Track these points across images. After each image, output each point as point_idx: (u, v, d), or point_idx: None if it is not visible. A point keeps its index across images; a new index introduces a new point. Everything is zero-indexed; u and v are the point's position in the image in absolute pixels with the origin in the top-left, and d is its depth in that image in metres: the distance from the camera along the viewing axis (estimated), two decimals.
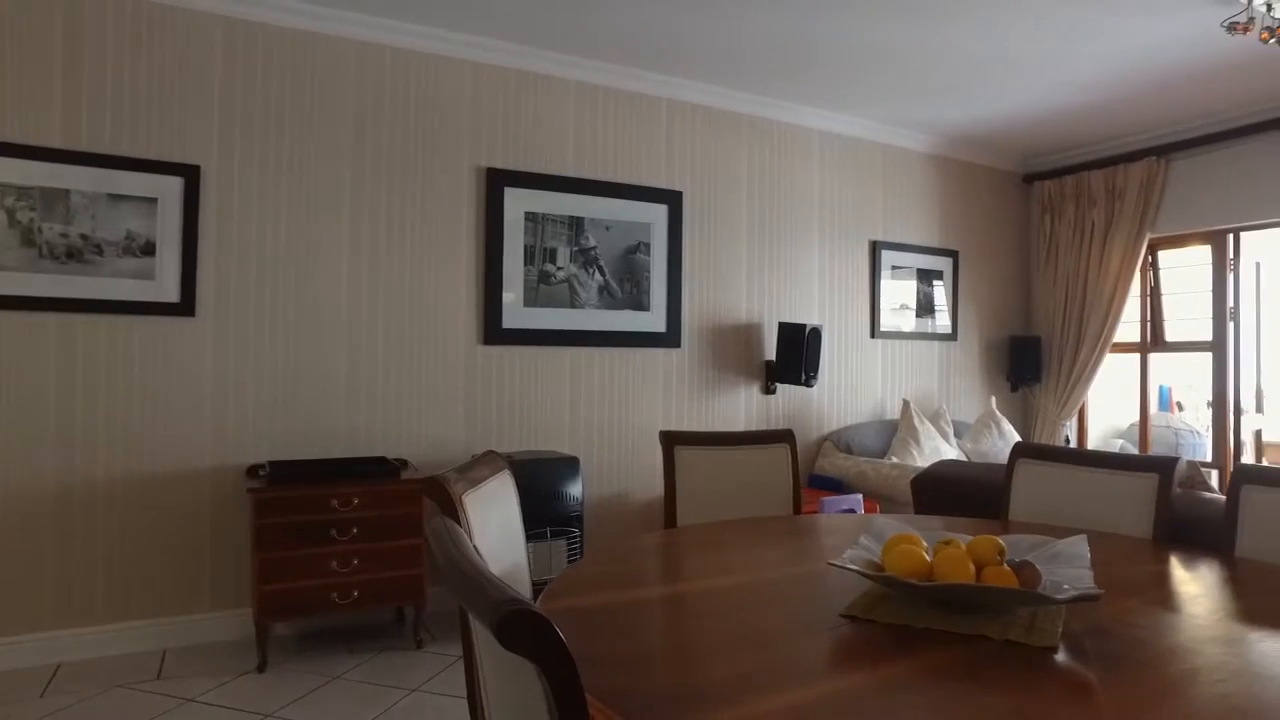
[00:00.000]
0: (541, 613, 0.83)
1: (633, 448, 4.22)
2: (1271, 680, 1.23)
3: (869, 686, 1.16)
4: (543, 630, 0.83)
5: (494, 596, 0.86)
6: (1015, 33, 3.68)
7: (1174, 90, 4.38)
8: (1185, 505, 2.20)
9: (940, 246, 5.43)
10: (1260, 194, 4.75)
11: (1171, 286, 5.59)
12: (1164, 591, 1.71)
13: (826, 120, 4.84)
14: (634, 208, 4.23)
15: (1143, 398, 5.64)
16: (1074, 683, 1.21)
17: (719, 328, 4.50)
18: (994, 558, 1.42)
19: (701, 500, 2.56)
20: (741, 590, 1.65)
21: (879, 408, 5.09)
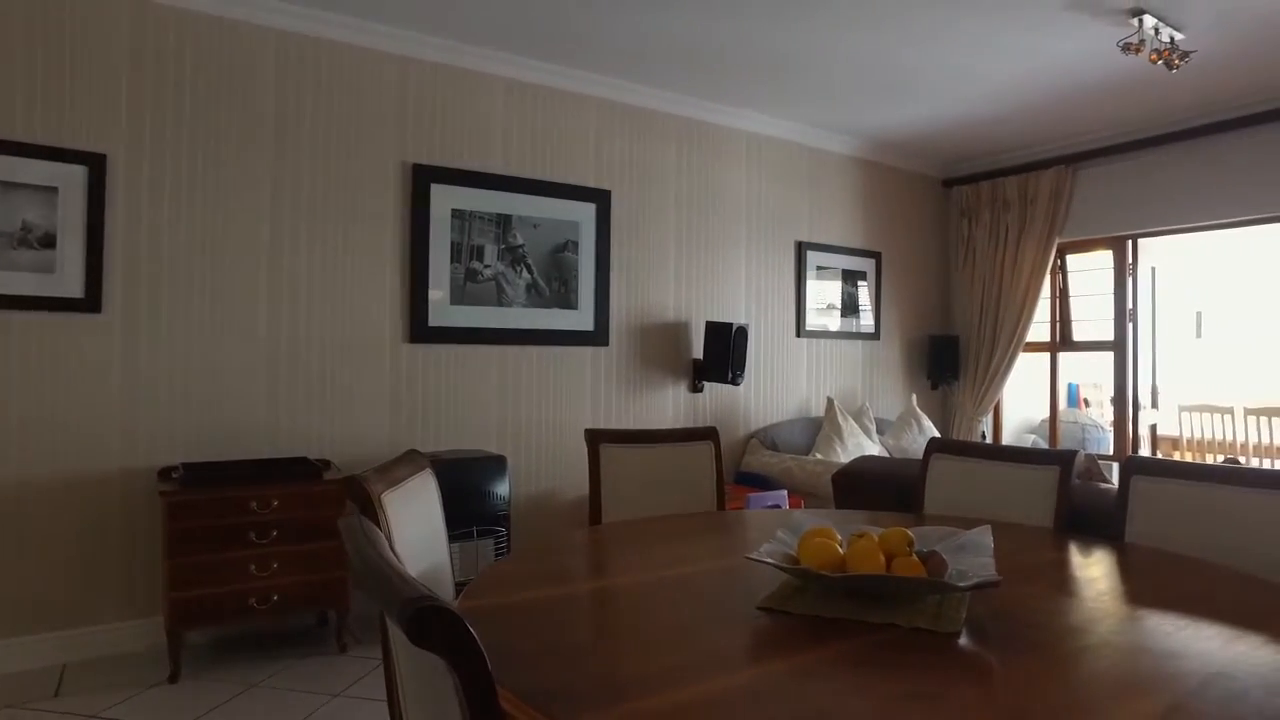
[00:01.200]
0: (452, 608, 0.83)
1: (561, 446, 4.21)
2: (1155, 653, 1.32)
3: (781, 675, 1.19)
4: (453, 626, 0.83)
5: (405, 593, 0.85)
6: (935, 45, 3.80)
7: (1079, 103, 4.59)
8: (1083, 496, 2.32)
9: (864, 248, 5.58)
10: (1156, 203, 5.03)
11: (1078, 289, 5.87)
12: (1061, 576, 1.80)
13: (754, 122, 4.92)
14: (562, 206, 4.22)
15: (1052, 395, 5.90)
16: (975, 664, 1.26)
17: (647, 326, 4.53)
18: (903, 549, 1.47)
19: (627, 497, 2.57)
20: (663, 585, 1.67)
21: (804, 405, 5.20)
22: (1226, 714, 1.08)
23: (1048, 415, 5.99)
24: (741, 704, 1.09)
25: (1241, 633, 1.39)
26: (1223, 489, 1.97)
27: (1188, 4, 3.39)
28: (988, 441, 5.84)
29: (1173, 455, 6.82)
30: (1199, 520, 1.98)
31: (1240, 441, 6.49)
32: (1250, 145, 4.62)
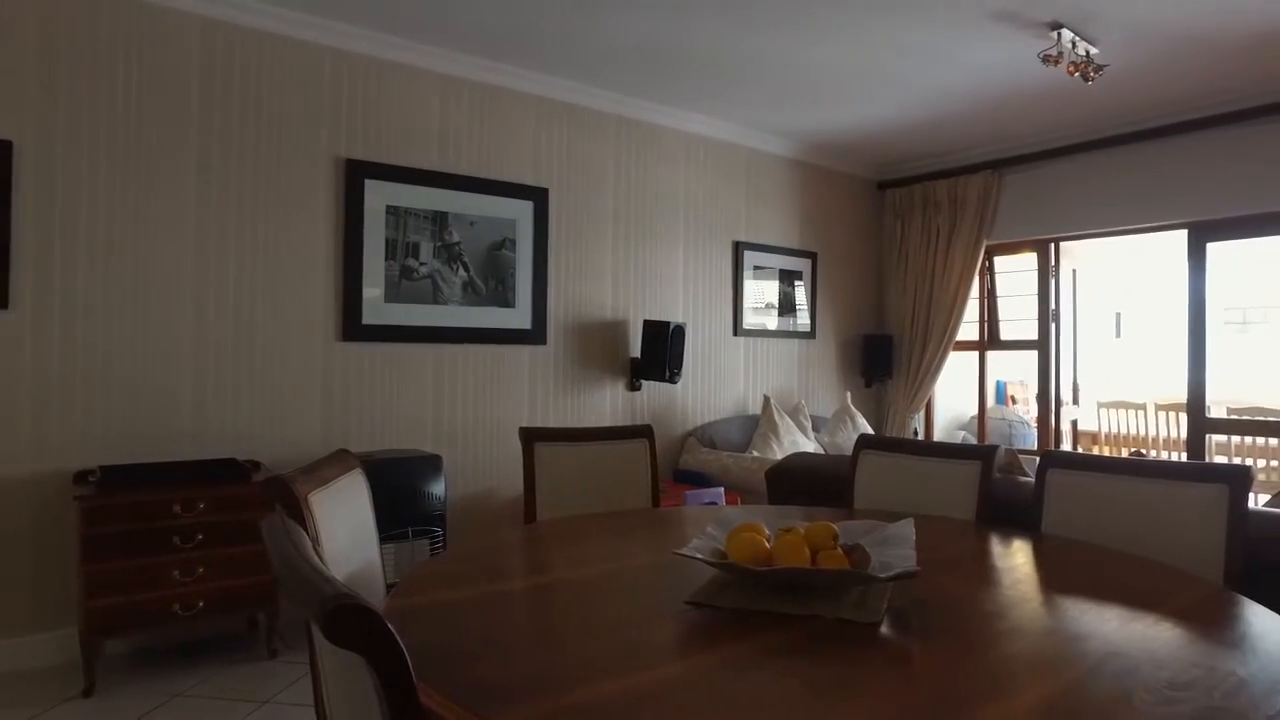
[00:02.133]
0: (370, 606, 0.83)
1: (498, 445, 4.18)
2: (1061, 635, 1.38)
3: (706, 667, 1.21)
4: (370, 624, 0.82)
5: (322, 592, 0.84)
6: (868, 51, 3.89)
7: (1005, 110, 4.75)
8: (1004, 489, 2.41)
9: (800, 248, 5.68)
10: (1076, 208, 5.24)
11: (1005, 290, 6.07)
12: (979, 566, 1.87)
13: (692, 123, 4.96)
14: (499, 204, 4.19)
15: (981, 392, 6.10)
16: (894, 651, 1.30)
17: (585, 325, 4.53)
18: (828, 542, 1.51)
19: (562, 495, 2.57)
20: (594, 581, 1.68)
21: (741, 403, 5.27)
22: (1117, 687, 1.14)
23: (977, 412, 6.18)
24: (666, 696, 1.10)
25: (1138, 613, 1.47)
26: (1127, 480, 2.07)
27: (1101, 20, 3.54)
28: (920, 438, 6.00)
29: (1092, 449, 7.11)
30: (1107, 510, 2.07)
31: (1152, 436, 6.80)
32: (1158, 156, 4.85)
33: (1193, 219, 4.83)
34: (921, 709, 1.08)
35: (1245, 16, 3.51)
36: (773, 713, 1.06)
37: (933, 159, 5.86)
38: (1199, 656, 1.27)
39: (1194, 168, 4.73)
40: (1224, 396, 7.76)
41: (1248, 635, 1.39)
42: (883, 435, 4.30)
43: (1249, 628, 1.41)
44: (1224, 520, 1.87)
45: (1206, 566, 1.87)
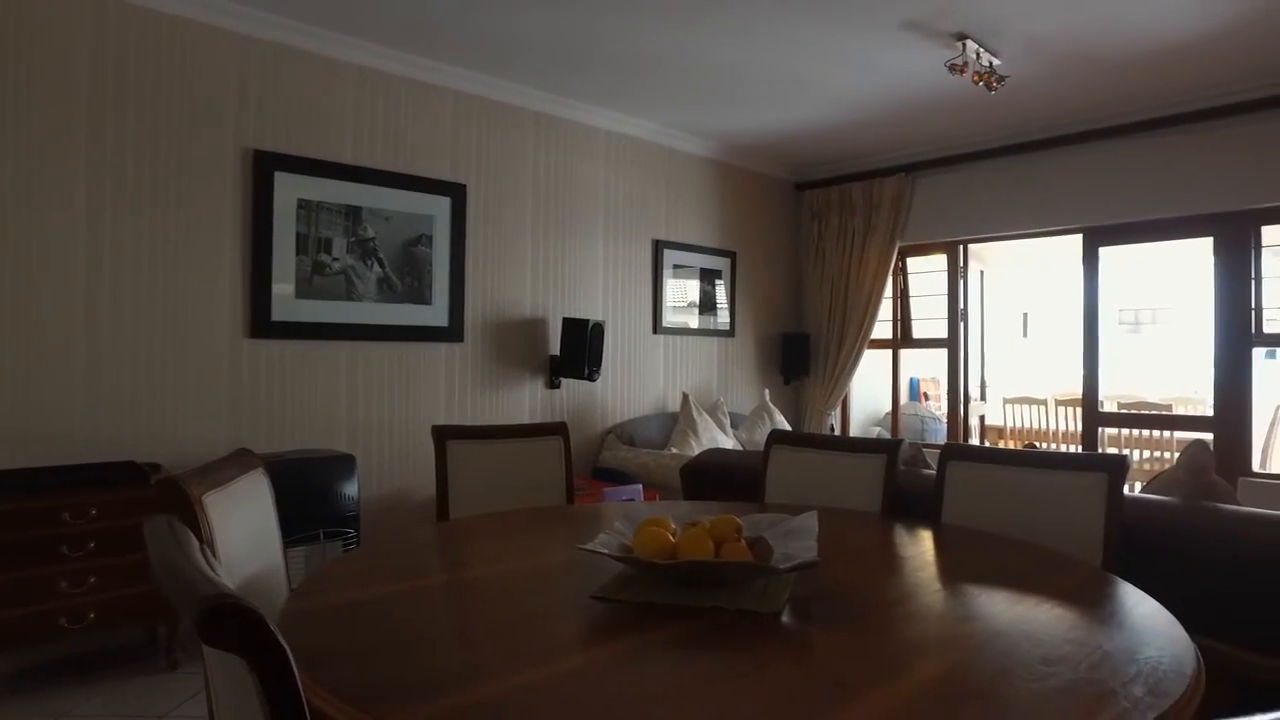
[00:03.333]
0: (248, 604, 0.81)
1: (414, 445, 4.10)
2: (952, 619, 1.44)
3: (607, 659, 1.22)
4: (249, 623, 0.80)
5: (198, 591, 0.82)
6: (783, 54, 3.96)
7: (916, 116, 4.91)
8: (908, 481, 2.49)
9: (720, 247, 5.75)
10: (983, 212, 5.47)
11: (917, 290, 6.28)
12: (881, 556, 1.93)
13: (612, 120, 4.96)
14: (416, 199, 4.12)
15: (894, 389, 6.30)
16: (793, 640, 1.34)
17: (503, 323, 4.49)
18: (732, 535, 1.53)
19: (475, 493, 2.55)
20: (501, 578, 1.67)
21: (661, 401, 5.31)
22: (997, 665, 1.20)
23: (891, 408, 6.38)
24: (564, 689, 1.10)
25: (1022, 596, 1.55)
26: (1019, 471, 2.17)
27: (1003, 33, 3.70)
28: (836, 434, 6.16)
29: (998, 443, 7.42)
30: (1001, 499, 2.17)
31: (1052, 429, 7.14)
32: (1057, 163, 5.10)
33: (1087, 224, 5.10)
34: (814, 692, 1.12)
35: (1133, 36, 3.71)
36: (669, 701, 1.08)
37: (849, 162, 6.01)
38: (1072, 633, 1.34)
39: (1088, 176, 4.99)
40: (1116, 392, 8.21)
41: (1117, 612, 1.47)
42: (792, 431, 4.40)
43: (1118, 605, 1.50)
44: (1103, 506, 1.98)
45: (1089, 550, 1.98)
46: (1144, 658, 1.21)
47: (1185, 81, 4.30)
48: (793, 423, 6.09)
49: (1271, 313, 6.47)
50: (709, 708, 1.07)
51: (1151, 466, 6.05)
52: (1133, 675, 1.14)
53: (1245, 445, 4.67)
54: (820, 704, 1.06)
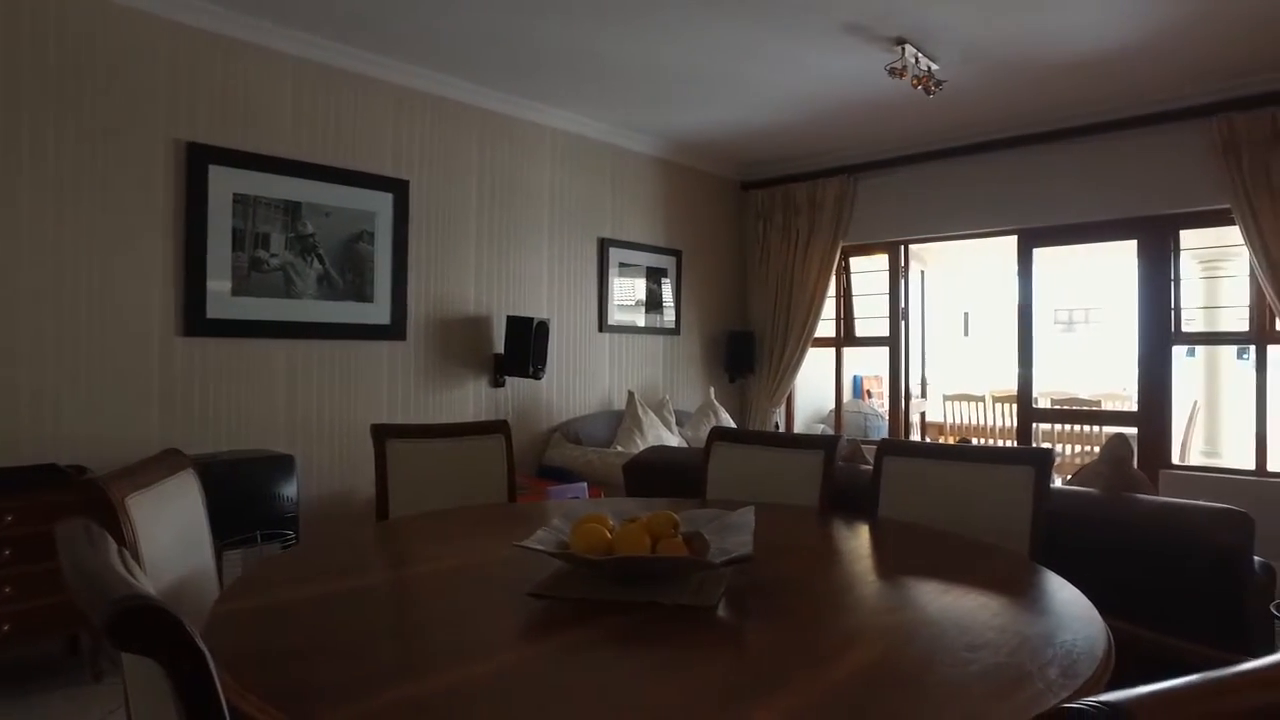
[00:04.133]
0: (162, 605, 0.79)
1: (356, 444, 4.03)
2: (883, 609, 1.47)
3: (540, 656, 1.22)
4: (161, 623, 0.78)
5: (109, 593, 0.79)
6: (730, 56, 4.00)
7: (858, 118, 5.00)
8: (846, 477, 2.54)
9: (666, 246, 5.78)
10: (923, 212, 5.59)
11: (860, 289, 6.40)
12: (817, 550, 1.97)
13: (557, 119, 4.95)
14: (357, 195, 4.05)
15: (838, 386, 6.40)
16: (727, 632, 1.35)
17: (447, 320, 4.44)
18: (668, 531, 1.55)
19: (416, 492, 2.52)
20: (439, 576, 1.66)
21: (607, 399, 5.31)
22: (923, 652, 1.23)
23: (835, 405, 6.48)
24: (495, 686, 1.10)
25: (951, 586, 1.59)
26: (951, 465, 2.23)
27: (941, 39, 3.79)
28: (781, 430, 6.24)
29: (939, 439, 7.60)
30: (935, 492, 2.23)
31: (990, 425, 7.34)
32: (994, 167, 5.24)
33: (1020, 226, 5.25)
34: (744, 682, 1.13)
35: (1063, 46, 3.84)
36: (600, 695, 1.08)
37: (793, 162, 6.09)
38: (995, 620, 1.38)
39: (1022, 179, 5.14)
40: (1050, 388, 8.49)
41: (1039, 599, 1.53)
42: (733, 428, 4.45)
43: (1041, 592, 1.56)
44: (1030, 498, 2.05)
45: (1018, 540, 2.04)
46: (1060, 641, 1.25)
47: (1112, 91, 4.46)
48: (738, 420, 6.15)
49: (1190, 313, 6.77)
50: (639, 701, 1.07)
51: (1082, 460, 6.26)
52: (1049, 658, 1.18)
53: (1166, 439, 4.86)
54: (747, 694, 1.08)
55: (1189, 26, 3.65)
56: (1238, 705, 0.58)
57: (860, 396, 8.22)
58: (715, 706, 1.05)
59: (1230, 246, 4.84)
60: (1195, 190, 4.50)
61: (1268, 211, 4.19)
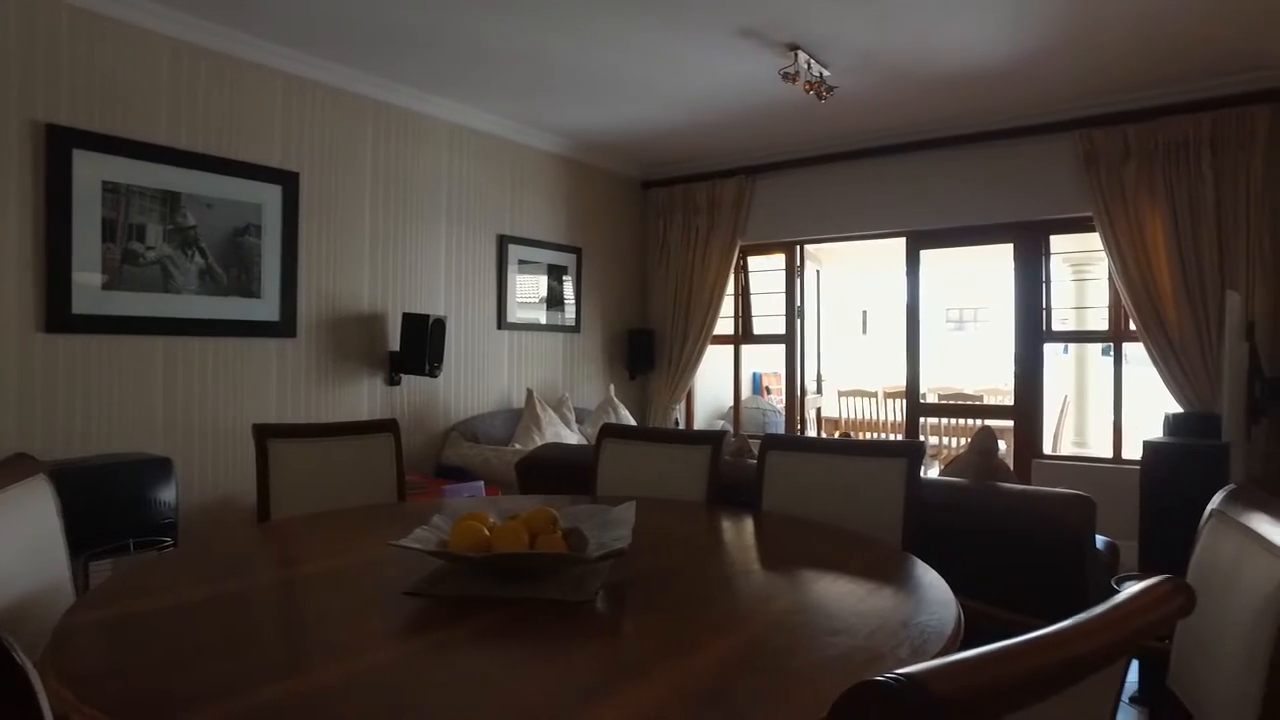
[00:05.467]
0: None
1: (242, 445, 3.87)
2: (756, 598, 1.52)
3: (411, 654, 1.22)
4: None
5: None
6: (627, 55, 4.02)
7: (754, 120, 5.12)
8: (733, 471, 2.61)
9: (566, 243, 5.77)
10: (817, 214, 5.77)
11: (758, 287, 6.55)
12: (699, 542, 2.02)
13: (455, 112, 4.87)
14: (243, 186, 3.89)
15: (736, 383, 6.54)
16: (601, 625, 1.38)
17: (340, 318, 4.32)
18: (547, 527, 1.56)
19: (301, 494, 2.45)
20: (315, 578, 1.62)
21: (506, 397, 5.28)
22: (788, 639, 1.29)
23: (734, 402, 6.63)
24: (363, 684, 1.09)
25: (822, 574, 1.66)
26: (831, 458, 2.32)
27: (832, 47, 3.92)
28: (681, 427, 6.33)
29: (834, 433, 7.86)
30: (815, 485, 2.31)
31: (882, 420, 7.64)
32: (884, 171, 5.46)
33: (909, 229, 5.49)
34: (610, 673, 1.16)
35: (947, 59, 4.03)
36: (465, 689, 1.09)
37: (692, 162, 6.18)
38: (859, 606, 1.46)
39: (910, 183, 5.37)
40: (940, 384, 8.91)
41: (903, 585, 1.61)
42: (623, 424, 4.50)
43: (905, 578, 1.64)
44: (902, 489, 2.15)
45: (891, 529, 2.14)
46: (915, 623, 1.33)
47: (992, 103, 4.71)
48: (638, 417, 6.21)
49: (1064, 312, 7.23)
50: (504, 695, 1.08)
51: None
52: (902, 639, 1.25)
53: (1038, 430, 5.18)
54: (611, 685, 1.10)
55: (1056, 50, 3.90)
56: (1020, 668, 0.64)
57: (760, 393, 8.43)
58: (578, 697, 1.07)
59: (1094, 251, 5.18)
60: (1063, 198, 4.80)
61: (1122, 221, 4.52)
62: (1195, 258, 4.32)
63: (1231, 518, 1.39)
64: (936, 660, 0.61)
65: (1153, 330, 4.45)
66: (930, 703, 0.57)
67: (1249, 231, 4.20)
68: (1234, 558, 1.33)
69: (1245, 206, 4.21)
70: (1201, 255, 4.31)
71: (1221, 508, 1.45)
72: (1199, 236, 4.31)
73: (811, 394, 6.55)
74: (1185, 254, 4.34)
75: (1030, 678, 0.65)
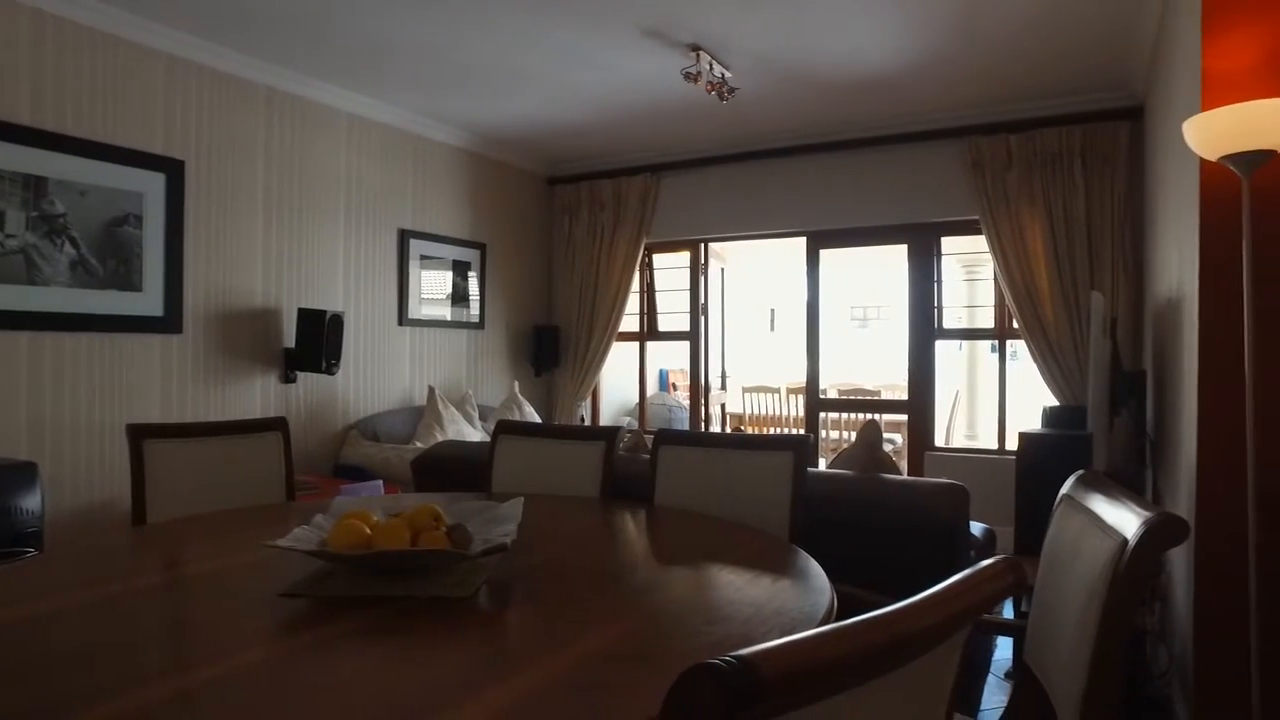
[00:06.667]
0: None
1: (122, 447, 3.68)
2: (637, 590, 1.54)
3: (283, 655, 1.19)
4: None
5: None
6: (532, 51, 4.00)
7: (659, 119, 5.16)
8: (628, 466, 2.64)
9: (470, 239, 5.70)
10: (721, 213, 5.88)
11: (663, 285, 6.62)
12: (590, 537, 2.03)
13: (355, 103, 4.74)
14: (121, 173, 3.68)
15: (641, 380, 6.59)
16: (480, 620, 1.37)
17: (231, 313, 4.15)
18: (430, 524, 1.54)
19: (181, 496, 2.35)
20: (187, 582, 1.57)
21: (408, 395, 5.18)
22: (665, 629, 1.32)
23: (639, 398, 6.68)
24: (233, 686, 1.06)
25: (708, 567, 1.70)
26: (722, 452, 2.37)
27: (732, 49, 4.00)
28: (587, 424, 6.34)
29: (739, 428, 8.02)
30: (707, 479, 2.36)
31: (784, 415, 7.84)
32: (785, 172, 5.60)
33: (809, 228, 5.65)
34: (485, 668, 1.16)
35: (840, 66, 4.17)
36: (334, 688, 1.07)
37: (598, 159, 6.19)
38: (738, 595, 1.50)
39: (810, 184, 5.53)
40: (843, 380, 9.20)
41: (783, 574, 1.67)
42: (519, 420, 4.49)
43: (786, 568, 1.70)
44: (789, 482, 2.22)
45: (779, 521, 2.21)
46: (788, 610, 1.38)
47: (886, 108, 4.89)
48: (544, 414, 6.19)
49: (957, 311, 7.57)
50: (377, 693, 1.07)
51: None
52: (773, 626, 1.29)
53: (931, 423, 5.42)
54: (485, 679, 1.10)
55: (942, 61, 4.09)
56: (849, 648, 0.67)
57: (666, 389, 8.52)
58: (450, 693, 1.06)
59: (982, 253, 5.45)
60: (953, 202, 5.03)
61: (1005, 225, 4.78)
62: (1069, 261, 4.61)
63: (1077, 501, 1.49)
64: (772, 642, 0.64)
65: (1032, 328, 4.71)
66: (758, 683, 0.60)
67: (1114, 237, 4.51)
68: (1076, 537, 1.43)
69: (1111, 214, 4.52)
70: (1075, 258, 4.59)
71: (1070, 492, 1.56)
72: (1072, 241, 4.60)
73: (716, 390, 6.66)
74: (1061, 257, 4.62)
75: (860, 657, 0.68)
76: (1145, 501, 1.31)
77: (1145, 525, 1.22)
